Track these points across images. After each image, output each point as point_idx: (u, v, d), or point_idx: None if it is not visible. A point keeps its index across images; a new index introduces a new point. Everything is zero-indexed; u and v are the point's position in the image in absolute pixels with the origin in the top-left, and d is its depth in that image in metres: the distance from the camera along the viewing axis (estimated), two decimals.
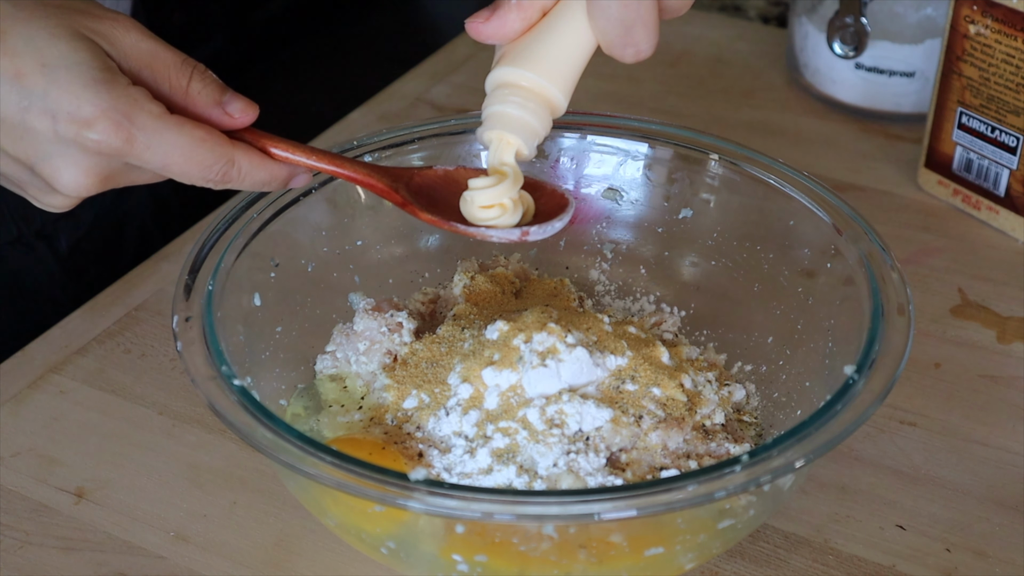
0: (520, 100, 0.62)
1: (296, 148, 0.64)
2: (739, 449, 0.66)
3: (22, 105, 0.59)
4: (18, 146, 0.60)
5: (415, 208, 0.64)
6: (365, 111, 1.11)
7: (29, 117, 0.59)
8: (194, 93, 0.61)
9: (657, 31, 0.62)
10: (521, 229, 0.63)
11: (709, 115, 1.09)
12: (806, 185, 0.74)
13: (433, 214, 0.64)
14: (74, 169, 0.60)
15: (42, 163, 0.60)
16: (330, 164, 0.65)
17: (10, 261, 0.93)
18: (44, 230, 0.94)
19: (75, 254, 0.96)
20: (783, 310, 0.74)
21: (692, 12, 1.27)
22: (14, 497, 0.73)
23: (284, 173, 0.64)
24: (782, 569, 0.68)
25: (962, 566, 0.68)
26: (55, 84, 0.58)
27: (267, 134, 0.64)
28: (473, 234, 0.64)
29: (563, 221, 0.64)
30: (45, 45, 0.58)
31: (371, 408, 0.70)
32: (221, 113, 0.62)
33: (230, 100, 0.62)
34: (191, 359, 0.62)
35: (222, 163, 0.61)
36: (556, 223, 0.64)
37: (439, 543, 0.61)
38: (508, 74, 0.62)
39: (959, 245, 0.93)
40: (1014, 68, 0.88)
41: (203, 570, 0.69)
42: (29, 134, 0.59)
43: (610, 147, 0.80)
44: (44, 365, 0.82)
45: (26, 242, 0.94)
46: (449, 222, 0.64)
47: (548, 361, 0.66)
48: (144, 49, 0.61)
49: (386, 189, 0.65)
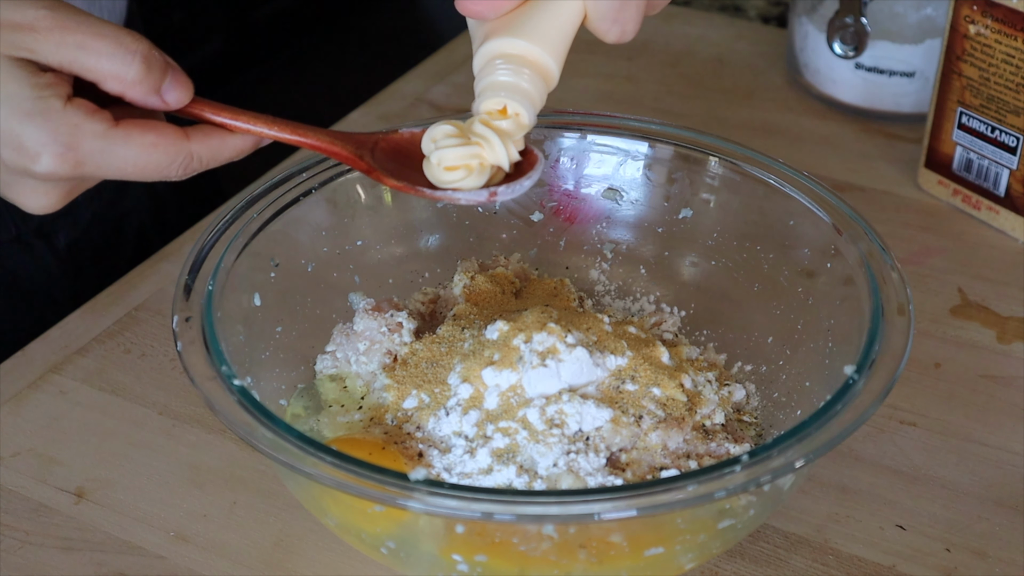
0: (516, 68, 0.61)
1: (255, 119, 0.62)
2: (739, 449, 0.66)
3: None
4: None
5: (380, 174, 0.63)
6: (365, 111, 1.11)
7: None
8: (132, 82, 0.59)
9: (642, 16, 0.61)
10: (489, 190, 0.61)
11: (709, 115, 1.09)
12: (806, 185, 0.74)
13: (399, 179, 0.63)
14: (33, 195, 0.60)
15: (5, 189, 0.61)
16: (292, 133, 0.63)
17: (8, 259, 0.93)
18: (43, 228, 0.94)
19: (73, 252, 0.96)
20: (783, 310, 0.74)
21: (692, 12, 1.27)
22: (14, 497, 0.73)
23: (248, 144, 0.63)
24: (782, 569, 0.68)
25: (962, 566, 0.68)
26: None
27: (224, 107, 0.62)
28: (439, 197, 0.62)
29: (532, 179, 0.62)
30: None
31: (371, 408, 0.70)
32: (159, 101, 0.60)
33: (168, 88, 0.60)
34: (191, 359, 0.62)
35: (179, 161, 0.60)
36: (525, 181, 0.62)
37: (439, 543, 0.61)
38: (505, 45, 0.61)
39: (959, 245, 0.93)
40: (1014, 68, 0.88)
41: (203, 570, 0.69)
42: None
43: (610, 147, 0.80)
44: (44, 365, 0.82)
45: (24, 240, 0.94)
46: (415, 187, 0.62)
47: (548, 361, 0.66)
48: (71, 44, 0.58)
49: (350, 156, 0.64)
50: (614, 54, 1.19)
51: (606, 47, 1.19)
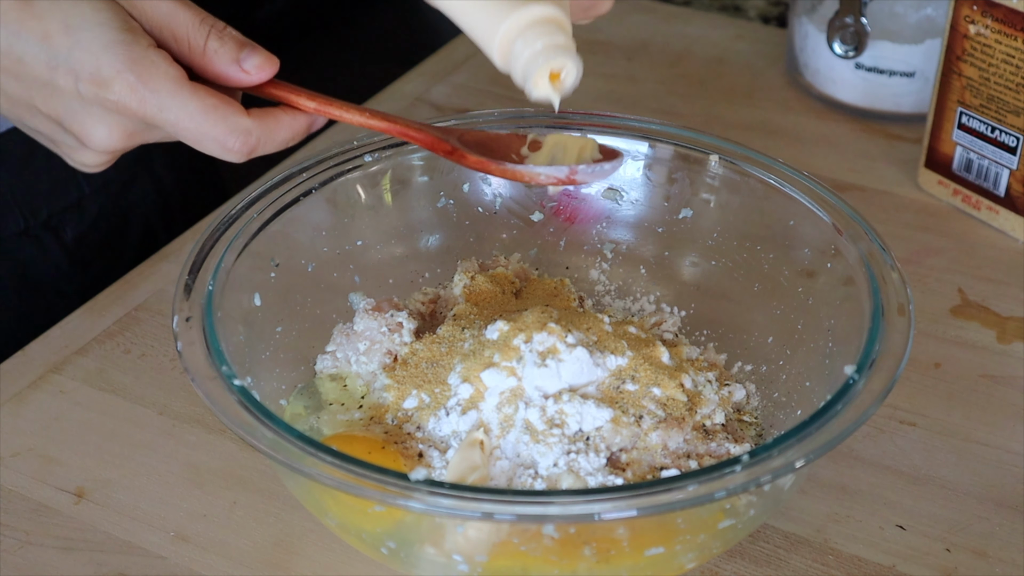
0: (567, 34, 0.62)
1: (345, 107, 0.64)
2: (739, 449, 0.66)
3: (51, 65, 0.61)
4: (48, 104, 0.62)
5: (463, 152, 0.64)
6: None
7: (56, 76, 0.61)
8: (211, 52, 0.62)
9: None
10: (570, 168, 0.63)
11: (709, 115, 1.09)
12: (806, 185, 0.74)
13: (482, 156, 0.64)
14: (100, 126, 0.62)
15: (71, 120, 0.62)
16: (383, 121, 0.65)
17: (17, 252, 0.94)
18: (50, 222, 0.95)
19: (81, 246, 0.97)
20: (783, 310, 0.74)
21: (692, 12, 1.27)
22: (14, 497, 0.73)
23: (303, 127, 0.64)
24: (782, 569, 0.68)
25: (962, 566, 0.68)
26: (78, 45, 0.60)
27: (296, 88, 0.64)
28: (521, 173, 0.63)
29: (614, 165, 0.64)
30: (69, 7, 0.61)
31: (371, 408, 0.70)
32: (238, 70, 0.63)
33: (247, 56, 0.63)
34: (191, 359, 0.62)
35: (238, 132, 0.62)
36: (606, 165, 0.63)
37: (439, 543, 0.61)
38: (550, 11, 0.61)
39: (959, 245, 0.93)
40: (1014, 68, 0.88)
41: (203, 570, 0.69)
42: (57, 92, 0.62)
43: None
44: (44, 365, 0.82)
45: (33, 234, 0.94)
46: (499, 163, 0.64)
47: (548, 361, 0.66)
48: (163, 10, 0.62)
49: (433, 139, 0.65)
50: (614, 54, 1.19)
51: (606, 47, 1.20)
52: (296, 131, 0.64)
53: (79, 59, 0.60)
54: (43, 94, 0.62)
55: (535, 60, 0.60)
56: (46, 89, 0.62)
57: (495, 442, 0.65)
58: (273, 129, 0.63)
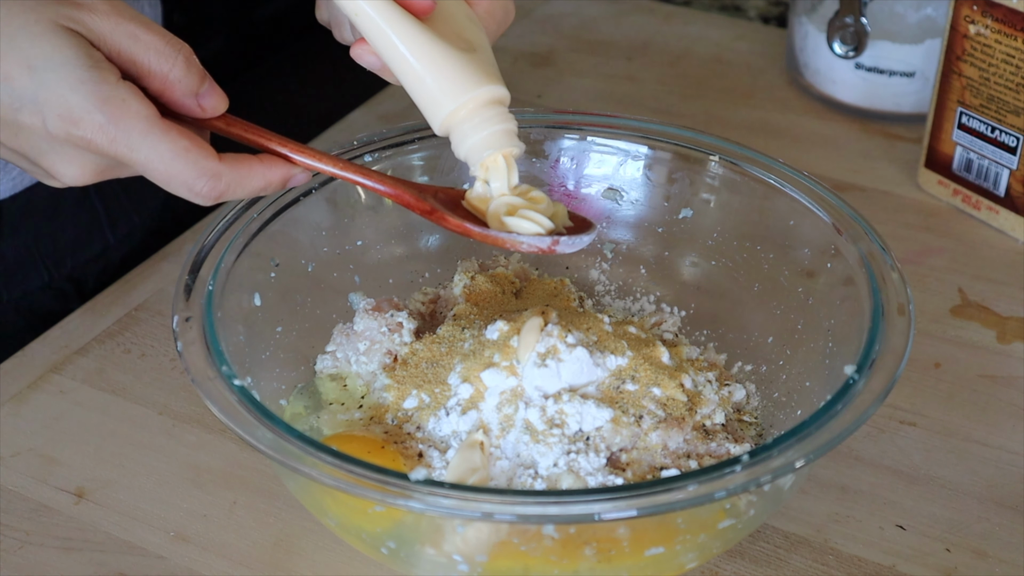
0: (507, 113, 0.63)
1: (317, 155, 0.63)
2: (739, 449, 0.66)
3: (14, 106, 0.59)
4: (15, 142, 0.61)
5: (443, 214, 0.64)
6: (365, 111, 1.11)
7: (21, 116, 0.59)
8: (173, 80, 0.61)
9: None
10: (552, 238, 0.63)
11: (709, 115, 1.09)
12: (806, 185, 0.74)
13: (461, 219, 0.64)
14: (69, 164, 0.61)
15: (38, 157, 0.61)
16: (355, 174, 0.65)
17: (40, 305, 0.93)
18: (74, 274, 0.94)
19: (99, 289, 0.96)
20: (783, 310, 0.74)
21: (692, 12, 1.28)
22: (14, 497, 0.73)
23: (278, 178, 0.63)
24: (782, 569, 0.68)
25: (962, 566, 0.68)
26: (43, 86, 0.58)
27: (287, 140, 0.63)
28: (502, 240, 0.63)
29: (591, 236, 0.65)
30: (27, 45, 0.58)
31: (371, 408, 0.70)
32: (195, 104, 0.62)
33: (205, 93, 0.62)
34: (191, 359, 0.62)
35: (206, 175, 0.60)
36: (585, 237, 0.64)
37: (439, 543, 0.61)
38: (500, 92, 0.63)
39: (959, 245, 0.93)
40: (1014, 68, 0.88)
41: (203, 570, 0.69)
42: (24, 131, 0.60)
43: (610, 147, 0.80)
44: (44, 365, 0.82)
45: (56, 287, 0.94)
46: (480, 229, 0.64)
47: (548, 361, 0.66)
48: (124, 32, 0.60)
49: (413, 199, 0.65)
50: (614, 54, 1.19)
51: (606, 47, 1.20)
52: (270, 181, 0.62)
53: (45, 99, 0.58)
54: (7, 133, 0.60)
55: (483, 146, 0.63)
56: (11, 128, 0.60)
57: (495, 442, 0.65)
58: (245, 176, 0.61)
